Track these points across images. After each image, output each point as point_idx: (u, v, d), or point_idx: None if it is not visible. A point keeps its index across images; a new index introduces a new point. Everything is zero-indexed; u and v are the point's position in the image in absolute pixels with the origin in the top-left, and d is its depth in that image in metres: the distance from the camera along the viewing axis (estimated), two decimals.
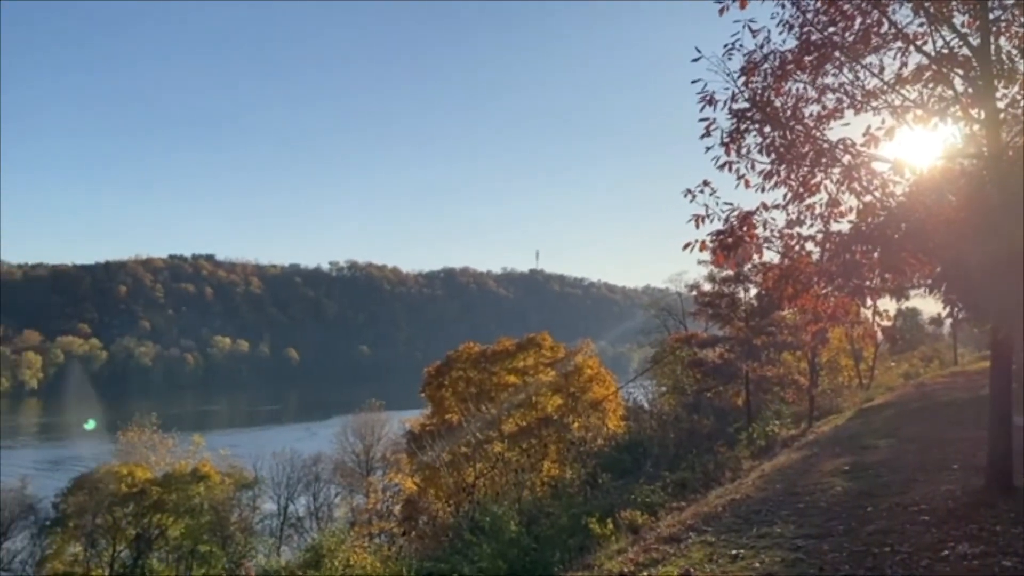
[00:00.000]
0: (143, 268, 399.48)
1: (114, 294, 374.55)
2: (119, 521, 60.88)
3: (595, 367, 48.58)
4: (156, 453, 70.47)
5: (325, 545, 22.13)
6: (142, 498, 60.80)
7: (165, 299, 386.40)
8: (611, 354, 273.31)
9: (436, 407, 51.15)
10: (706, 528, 15.65)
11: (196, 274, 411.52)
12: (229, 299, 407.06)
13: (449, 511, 33.10)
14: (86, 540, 62.51)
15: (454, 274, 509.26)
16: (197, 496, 61.16)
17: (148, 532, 61.70)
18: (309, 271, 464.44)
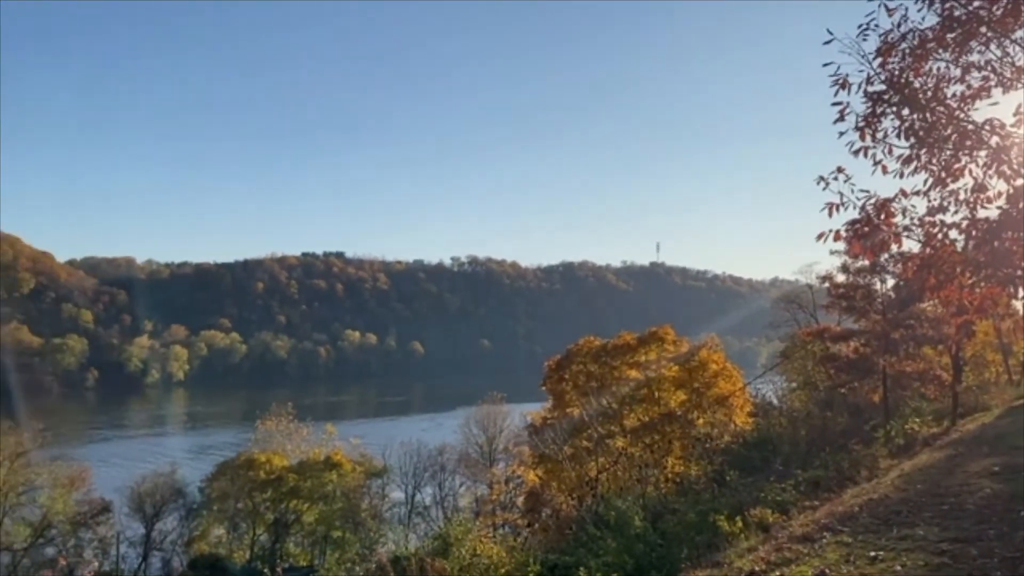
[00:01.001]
0: (278, 266, 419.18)
1: (252, 290, 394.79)
2: (258, 506, 64.29)
3: (720, 362, 47.46)
4: (292, 441, 73.76)
5: (452, 534, 22.63)
6: (279, 484, 63.96)
7: (299, 295, 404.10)
8: (737, 348, 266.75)
9: (557, 400, 51.31)
10: (842, 528, 15.07)
11: (327, 271, 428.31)
12: (358, 294, 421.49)
13: (572, 504, 33.23)
14: (229, 523, 66.40)
15: (573, 268, 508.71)
16: (330, 483, 63.77)
17: (285, 517, 64.88)
18: (432, 267, 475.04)
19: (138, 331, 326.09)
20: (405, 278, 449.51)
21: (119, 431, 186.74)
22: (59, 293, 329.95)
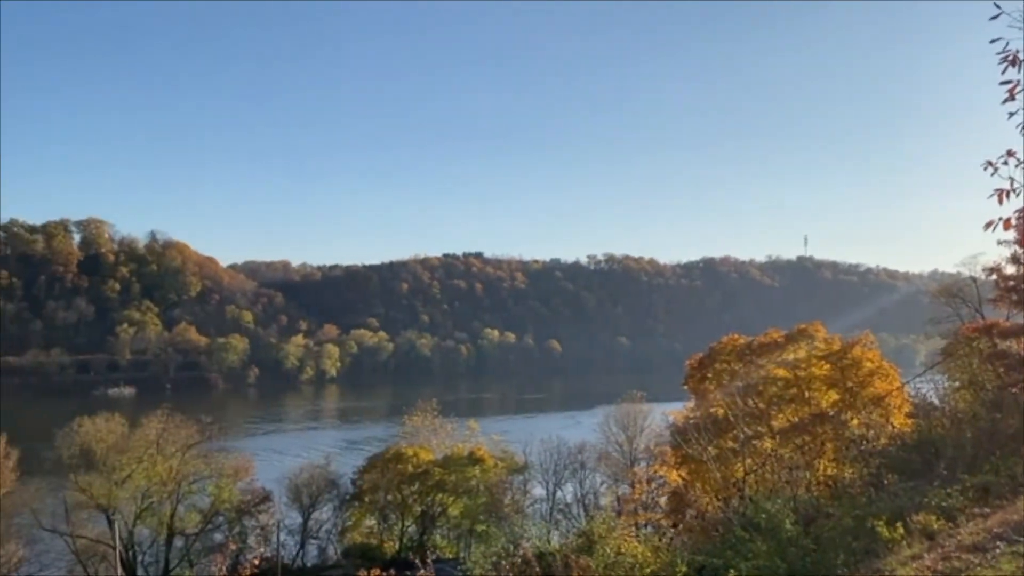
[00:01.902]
0: (421, 266, 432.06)
1: (397, 290, 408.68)
2: (406, 498, 66.53)
3: (875, 360, 45.05)
4: (436, 437, 75.72)
5: (596, 531, 22.61)
6: (426, 478, 65.93)
7: (440, 294, 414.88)
8: (893, 346, 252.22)
9: (699, 400, 50.25)
10: (1018, 539, 14.00)
11: (467, 271, 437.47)
12: (496, 293, 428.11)
13: (717, 505, 32.45)
14: (379, 514, 69.04)
15: (714, 264, 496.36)
16: (473, 478, 65.13)
17: (431, 510, 66.84)
18: (568, 265, 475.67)
19: (294, 330, 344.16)
20: (542, 277, 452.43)
21: (277, 425, 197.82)
22: (223, 296, 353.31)
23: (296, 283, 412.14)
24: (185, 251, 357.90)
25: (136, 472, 57.22)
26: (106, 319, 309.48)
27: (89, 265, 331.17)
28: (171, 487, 59.46)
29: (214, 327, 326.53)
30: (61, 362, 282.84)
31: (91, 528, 57.60)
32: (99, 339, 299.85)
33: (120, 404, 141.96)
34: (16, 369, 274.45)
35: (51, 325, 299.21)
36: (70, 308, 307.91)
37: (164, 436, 60.27)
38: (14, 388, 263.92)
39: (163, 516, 59.66)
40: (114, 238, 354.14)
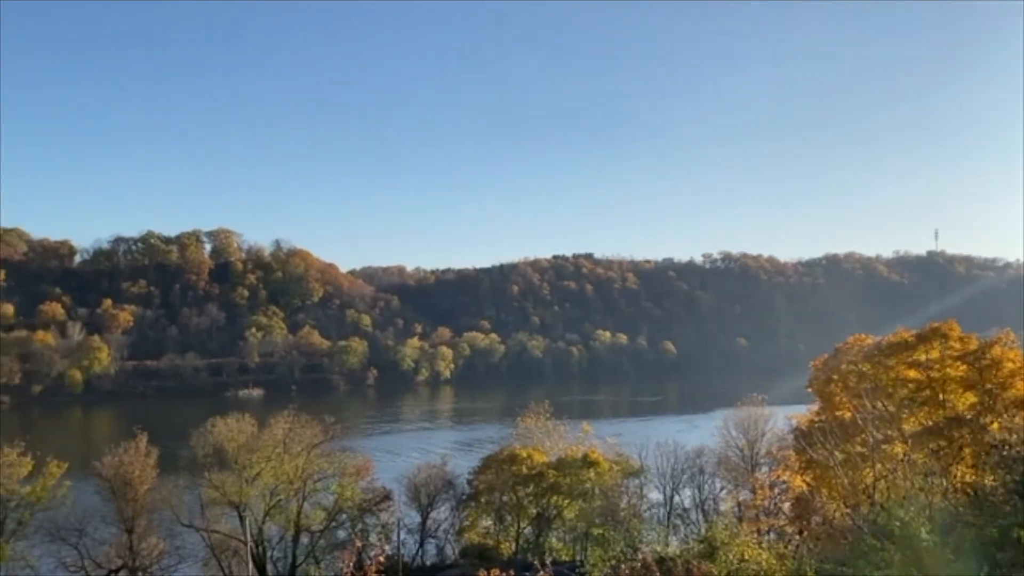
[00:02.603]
0: (531, 268, 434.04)
1: (508, 293, 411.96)
2: (521, 500, 66.70)
3: (1018, 360, 42.12)
4: (550, 439, 75.61)
5: (718, 537, 22.03)
6: (540, 480, 65.92)
7: (551, 296, 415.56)
8: None
9: (824, 402, 48.34)
10: None
11: (577, 272, 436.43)
12: (607, 294, 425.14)
13: (846, 512, 31.04)
14: (495, 515, 69.50)
15: (838, 260, 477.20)
16: (588, 481, 64.67)
17: (547, 512, 66.79)
18: (682, 264, 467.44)
19: (409, 333, 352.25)
20: (654, 277, 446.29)
21: (395, 425, 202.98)
22: (343, 300, 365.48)
23: (411, 287, 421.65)
24: (308, 258, 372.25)
25: (265, 470, 59.63)
26: (236, 324, 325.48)
27: (219, 273, 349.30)
28: (297, 485, 61.69)
29: (335, 330, 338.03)
30: (195, 365, 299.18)
31: (224, 524, 60.45)
32: (230, 343, 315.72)
33: (249, 405, 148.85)
34: (155, 372, 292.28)
35: (186, 330, 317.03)
36: (203, 314, 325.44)
37: (290, 436, 62.53)
38: (153, 390, 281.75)
39: (290, 513, 61.99)
40: (242, 247, 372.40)
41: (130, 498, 57.22)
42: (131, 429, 62.38)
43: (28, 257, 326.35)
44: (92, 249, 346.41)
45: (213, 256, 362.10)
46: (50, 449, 59.26)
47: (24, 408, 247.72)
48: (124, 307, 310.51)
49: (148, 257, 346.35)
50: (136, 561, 56.83)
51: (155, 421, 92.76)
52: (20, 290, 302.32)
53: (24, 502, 55.29)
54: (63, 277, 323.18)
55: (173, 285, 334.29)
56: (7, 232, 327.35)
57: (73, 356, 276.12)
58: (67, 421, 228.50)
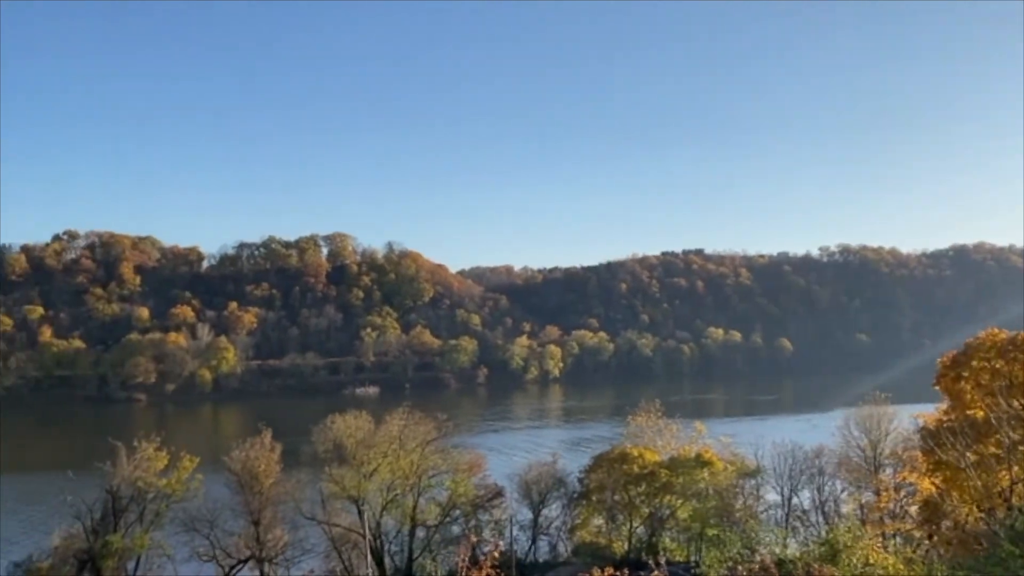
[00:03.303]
0: (640, 266, 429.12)
1: (616, 291, 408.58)
2: (633, 499, 66.10)
3: None
4: (662, 438, 74.53)
5: (840, 540, 21.23)
6: (652, 479, 65.12)
7: (660, 293, 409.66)
8: None
9: (954, 401, 45.78)
10: None
11: (687, 268, 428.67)
12: (719, 291, 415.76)
13: (979, 517, 29.36)
14: (607, 514, 69.18)
15: (966, 251, 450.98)
16: (702, 481, 63.45)
17: (659, 511, 65.97)
18: (798, 258, 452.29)
19: (518, 332, 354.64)
20: (768, 272, 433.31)
21: (505, 422, 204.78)
22: (453, 300, 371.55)
23: (519, 286, 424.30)
24: (419, 260, 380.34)
25: (382, 466, 61.32)
26: (352, 324, 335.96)
27: (336, 275, 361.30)
28: (412, 480, 63.15)
29: (446, 330, 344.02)
30: (315, 364, 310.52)
31: (344, 517, 62.54)
32: (347, 343, 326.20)
33: (365, 402, 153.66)
34: (277, 371, 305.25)
35: (305, 331, 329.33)
36: (321, 315, 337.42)
37: (405, 432, 64.05)
38: (276, 388, 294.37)
39: (406, 508, 63.54)
40: (356, 250, 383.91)
41: (256, 491, 59.98)
42: (256, 425, 65.40)
43: (161, 263, 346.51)
44: (218, 255, 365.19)
45: (330, 259, 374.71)
46: (183, 444, 62.85)
47: (159, 405, 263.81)
48: (248, 309, 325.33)
49: (270, 261, 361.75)
50: (263, 552, 59.51)
51: (278, 418, 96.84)
52: (154, 294, 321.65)
53: (161, 494, 58.72)
54: (192, 282, 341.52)
55: (293, 287, 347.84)
56: (141, 240, 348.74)
57: (203, 356, 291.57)
58: (198, 418, 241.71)
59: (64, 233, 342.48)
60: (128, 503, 58.12)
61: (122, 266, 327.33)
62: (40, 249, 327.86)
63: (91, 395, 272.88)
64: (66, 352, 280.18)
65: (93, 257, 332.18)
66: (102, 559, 54.77)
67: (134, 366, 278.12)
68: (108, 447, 59.51)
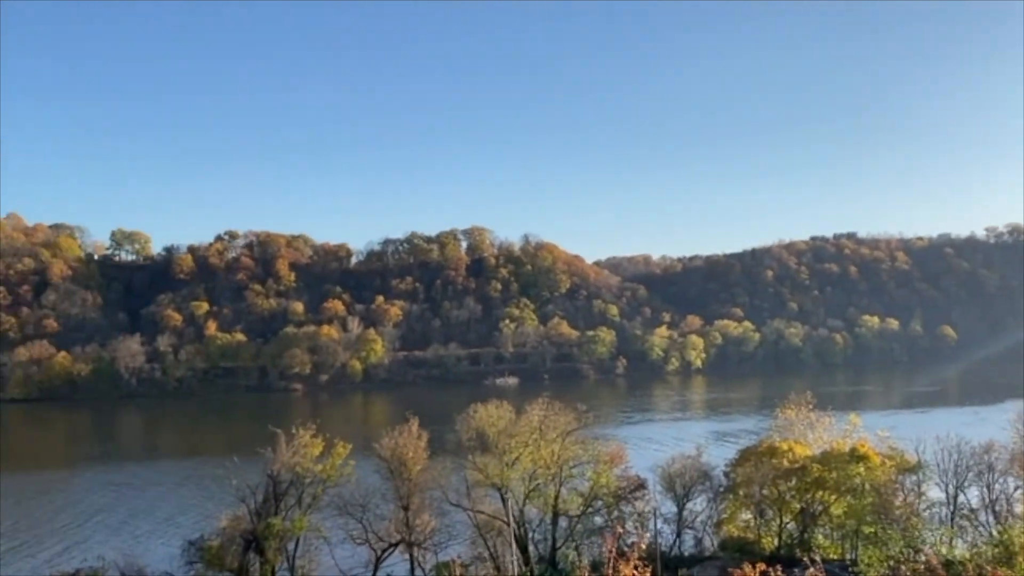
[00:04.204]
0: (786, 252, 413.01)
1: (761, 278, 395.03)
2: (783, 494, 63.76)
3: None
4: (813, 431, 71.59)
5: (1016, 541, 19.53)
6: (803, 474, 62.60)
7: (810, 280, 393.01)
8: None
9: None
10: None
11: (838, 253, 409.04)
12: (874, 276, 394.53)
13: None
14: (755, 509, 67.05)
15: None
16: (857, 476, 60.38)
17: (811, 507, 63.31)
18: (961, 240, 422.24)
19: (657, 322, 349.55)
20: (928, 255, 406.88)
21: (646, 414, 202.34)
22: (590, 291, 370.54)
23: (657, 276, 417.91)
24: (555, 251, 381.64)
25: (523, 455, 61.98)
26: (491, 316, 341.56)
27: (475, 268, 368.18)
28: (554, 470, 63.44)
29: (583, 321, 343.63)
30: (457, 355, 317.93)
31: (488, 504, 63.60)
32: (487, 334, 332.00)
33: (505, 393, 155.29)
34: (422, 362, 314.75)
35: (447, 322, 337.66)
36: (462, 307, 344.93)
37: (546, 423, 64.42)
38: (421, 378, 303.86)
39: (548, 497, 63.89)
40: (494, 243, 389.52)
41: (405, 477, 61.99)
42: (404, 414, 67.55)
43: (313, 260, 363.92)
44: (365, 251, 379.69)
45: (469, 252, 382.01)
46: (336, 431, 65.72)
47: (313, 395, 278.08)
48: (394, 302, 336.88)
49: (413, 256, 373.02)
50: (412, 536, 61.46)
51: (423, 407, 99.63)
52: (307, 290, 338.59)
53: (317, 479, 61.67)
54: (342, 277, 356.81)
55: (435, 280, 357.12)
56: (295, 239, 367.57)
57: (353, 348, 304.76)
58: (349, 406, 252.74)
59: (225, 233, 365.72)
60: (287, 487, 61.35)
61: (278, 263, 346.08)
62: (204, 249, 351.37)
63: (252, 385, 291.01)
64: (230, 345, 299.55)
65: (252, 255, 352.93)
66: (265, 540, 58.13)
67: (291, 357, 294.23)
68: (268, 434, 62.93)
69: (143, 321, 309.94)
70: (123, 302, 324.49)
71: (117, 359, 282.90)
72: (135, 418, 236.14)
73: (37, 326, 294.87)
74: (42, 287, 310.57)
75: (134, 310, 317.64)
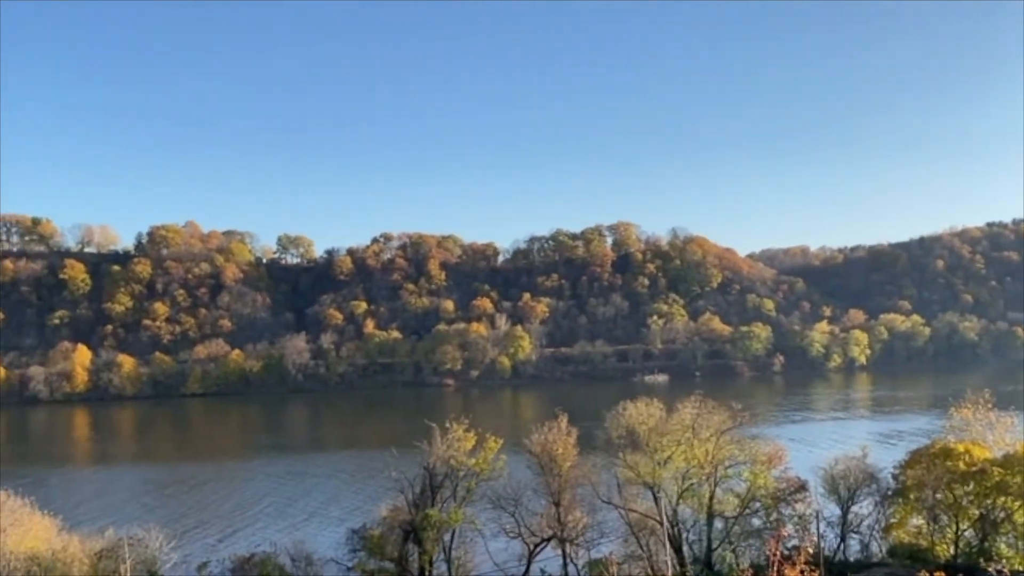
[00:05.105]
0: (959, 240, 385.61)
1: (931, 269, 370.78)
2: (959, 499, 59.34)
3: None
4: (993, 432, 66.18)
5: None
6: (982, 478, 58.06)
7: (986, 270, 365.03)
8: None
9: None
10: None
11: (1019, 240, 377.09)
12: None
13: None
14: (928, 514, 62.68)
15: None
16: None
17: (992, 514, 58.59)
18: None
19: (817, 317, 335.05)
20: None
21: (806, 413, 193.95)
22: (743, 285, 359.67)
23: (816, 268, 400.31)
24: (704, 244, 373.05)
25: (675, 454, 60.82)
26: (638, 312, 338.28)
27: (621, 264, 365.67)
28: (708, 470, 61.86)
29: (736, 316, 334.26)
30: (604, 352, 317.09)
31: (640, 503, 62.86)
32: (634, 331, 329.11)
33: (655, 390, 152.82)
34: (569, 358, 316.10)
35: (593, 319, 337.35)
36: (608, 303, 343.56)
37: (698, 421, 62.93)
38: (568, 375, 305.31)
39: (702, 497, 62.37)
40: (640, 238, 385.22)
41: (555, 473, 62.29)
42: (552, 410, 67.89)
43: (462, 259, 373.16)
44: (511, 249, 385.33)
45: (614, 248, 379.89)
46: (487, 426, 66.91)
47: (464, 390, 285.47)
48: (540, 299, 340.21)
49: (558, 253, 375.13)
50: (564, 532, 61.68)
51: (571, 403, 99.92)
52: (457, 288, 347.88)
53: (470, 472, 63.02)
54: (490, 275, 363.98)
55: (580, 277, 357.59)
56: (445, 239, 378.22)
57: (501, 344, 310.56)
58: (499, 401, 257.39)
59: (381, 236, 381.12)
60: (443, 480, 63.07)
61: (429, 263, 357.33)
62: (362, 251, 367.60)
63: (408, 380, 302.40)
64: (386, 342, 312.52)
65: (405, 256, 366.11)
66: (423, 530, 60.02)
67: (443, 354, 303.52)
68: (423, 428, 64.90)
69: (307, 320, 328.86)
70: (289, 302, 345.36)
71: (285, 356, 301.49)
72: (301, 411, 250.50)
73: (213, 326, 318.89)
74: (217, 289, 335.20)
75: (299, 309, 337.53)
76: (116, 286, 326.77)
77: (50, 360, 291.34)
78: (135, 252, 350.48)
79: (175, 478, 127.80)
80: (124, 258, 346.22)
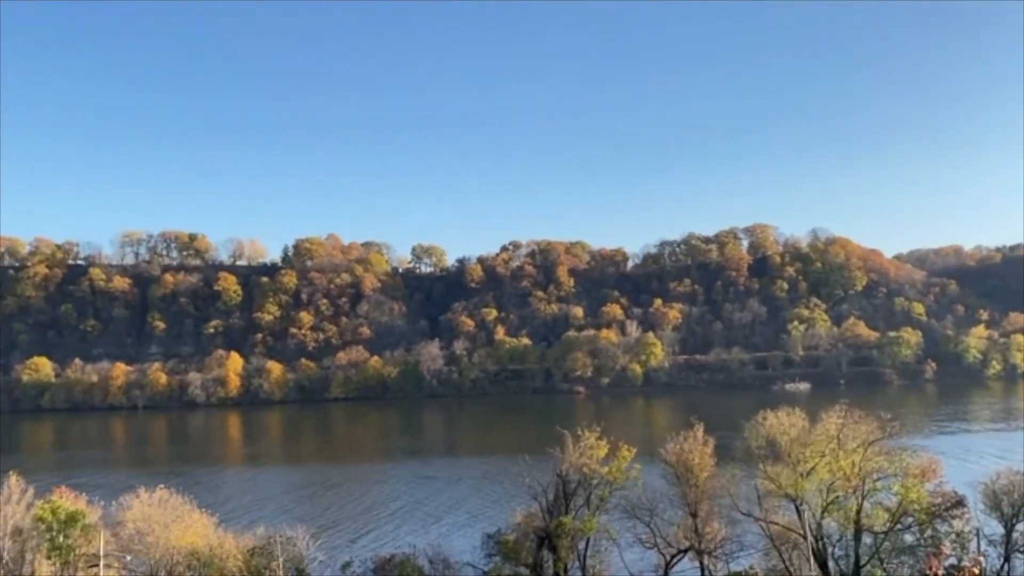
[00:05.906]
0: None
1: None
2: None
3: None
4: None
5: None
6: None
7: None
8: None
9: None
10: None
11: None
12: None
13: None
14: None
15: None
16: None
17: None
18: None
19: (973, 321, 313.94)
20: None
21: (962, 424, 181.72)
22: (890, 288, 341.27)
23: (971, 268, 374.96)
24: (848, 246, 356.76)
25: (819, 465, 58.06)
26: (777, 317, 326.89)
27: (758, 268, 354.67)
28: (855, 482, 58.73)
29: (883, 320, 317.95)
30: (741, 359, 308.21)
31: (781, 516, 60.50)
32: (772, 337, 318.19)
33: (796, 399, 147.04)
34: (703, 366, 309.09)
35: (729, 325, 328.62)
36: (744, 309, 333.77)
37: (844, 431, 59.90)
38: (703, 383, 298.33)
39: (849, 511, 59.29)
40: (778, 240, 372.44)
41: (692, 483, 60.89)
42: (686, 418, 66.52)
43: (590, 266, 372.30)
44: (641, 254, 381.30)
45: (750, 251, 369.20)
46: (619, 434, 66.19)
47: (595, 397, 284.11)
48: (672, 305, 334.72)
49: (690, 257, 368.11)
50: (701, 544, 60.20)
51: (707, 412, 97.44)
52: (586, 295, 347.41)
53: (603, 480, 62.52)
54: (619, 281, 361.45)
55: (715, 282, 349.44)
56: (574, 245, 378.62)
57: (632, 351, 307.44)
58: (631, 409, 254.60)
59: (510, 244, 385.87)
60: (576, 487, 62.86)
61: (558, 270, 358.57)
62: (492, 259, 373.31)
63: (538, 387, 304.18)
64: (516, 348, 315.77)
65: (534, 263, 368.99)
66: (557, 537, 60.08)
67: (573, 361, 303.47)
68: (556, 434, 64.94)
69: (441, 327, 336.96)
70: (424, 310, 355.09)
71: (420, 362, 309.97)
72: (436, 416, 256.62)
73: (354, 333, 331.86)
74: (357, 298, 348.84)
75: (433, 317, 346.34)
76: (265, 296, 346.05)
77: (206, 367, 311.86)
78: (282, 264, 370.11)
79: (314, 479, 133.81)
80: (272, 270, 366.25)
